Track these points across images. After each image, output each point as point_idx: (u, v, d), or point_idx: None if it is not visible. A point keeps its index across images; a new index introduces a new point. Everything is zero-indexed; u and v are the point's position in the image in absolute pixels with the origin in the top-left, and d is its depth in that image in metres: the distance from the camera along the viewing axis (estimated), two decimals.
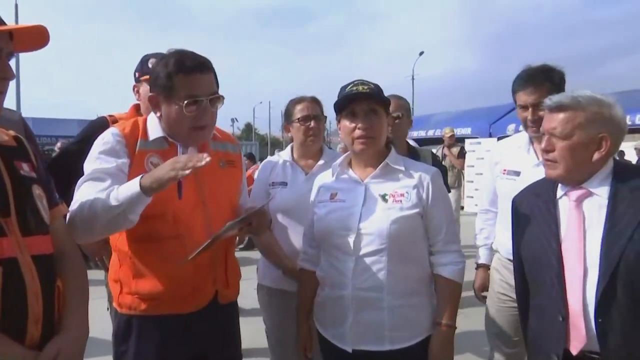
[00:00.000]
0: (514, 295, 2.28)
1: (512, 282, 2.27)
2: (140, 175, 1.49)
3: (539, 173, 2.22)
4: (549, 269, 1.58)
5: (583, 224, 1.56)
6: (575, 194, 1.61)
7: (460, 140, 9.90)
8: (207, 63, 1.71)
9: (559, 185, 1.67)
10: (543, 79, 2.21)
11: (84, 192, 1.58)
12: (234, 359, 1.96)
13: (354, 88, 1.78)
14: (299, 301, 2.05)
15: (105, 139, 1.71)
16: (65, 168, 2.18)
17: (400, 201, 1.76)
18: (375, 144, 1.80)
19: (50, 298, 1.25)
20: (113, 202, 1.48)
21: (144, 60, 2.48)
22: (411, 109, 3.23)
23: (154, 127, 1.75)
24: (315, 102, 2.46)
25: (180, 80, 1.64)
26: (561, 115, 1.58)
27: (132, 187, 1.48)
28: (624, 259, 1.45)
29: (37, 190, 1.32)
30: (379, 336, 1.75)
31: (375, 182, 1.82)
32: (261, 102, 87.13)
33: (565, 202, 1.64)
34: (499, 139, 13.64)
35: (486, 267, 2.60)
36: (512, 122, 12.36)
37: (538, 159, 2.26)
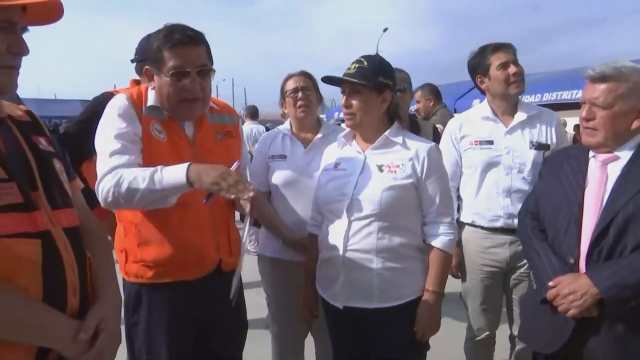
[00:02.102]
0: (497, 263, 2.46)
1: (496, 250, 2.45)
2: (188, 164, 1.57)
3: (512, 139, 2.43)
4: (569, 214, 1.70)
5: (605, 182, 1.68)
6: (603, 156, 1.72)
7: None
8: (198, 36, 1.73)
9: (590, 149, 1.77)
10: (509, 45, 2.49)
11: (114, 163, 1.64)
12: (241, 326, 2.04)
13: (349, 66, 1.89)
14: (306, 264, 2.16)
15: (118, 104, 1.74)
16: (73, 145, 2.18)
17: (395, 172, 1.86)
18: (355, 120, 1.90)
19: (83, 269, 1.26)
20: (157, 186, 1.57)
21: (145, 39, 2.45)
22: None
23: (151, 96, 1.80)
24: (304, 75, 2.50)
25: (168, 52, 1.67)
26: (603, 86, 1.65)
27: (178, 175, 1.56)
28: (624, 210, 1.59)
29: (57, 164, 1.31)
30: (368, 295, 1.86)
31: (374, 153, 1.92)
32: (224, 80, 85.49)
33: (593, 162, 1.75)
34: None
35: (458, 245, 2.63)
36: (476, 98, 12.62)
37: (506, 126, 2.46)
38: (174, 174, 1.56)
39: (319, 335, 2.54)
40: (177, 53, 1.67)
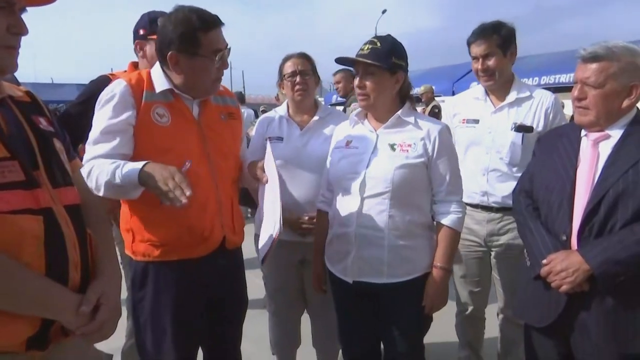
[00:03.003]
0: (477, 239, 2.56)
1: (475, 227, 2.54)
2: (145, 163, 1.60)
3: (496, 119, 2.48)
4: (561, 192, 1.74)
5: (597, 160, 1.71)
6: (594, 135, 1.75)
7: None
8: (219, 18, 1.79)
9: (582, 128, 1.79)
10: (491, 33, 2.42)
11: (95, 153, 1.69)
12: (242, 303, 2.10)
13: (362, 47, 1.91)
14: (315, 239, 2.21)
15: (113, 91, 1.75)
16: (70, 128, 2.18)
17: (407, 151, 1.90)
18: (369, 101, 1.93)
19: (85, 245, 1.29)
20: (116, 181, 1.61)
21: (153, 19, 2.43)
22: None
23: (160, 80, 1.80)
24: (303, 57, 2.49)
25: (205, 35, 1.73)
26: (595, 65, 1.67)
27: (133, 174, 1.59)
28: (614, 188, 1.62)
29: (57, 144, 1.33)
30: (378, 270, 1.92)
31: (386, 133, 1.96)
32: None
33: (585, 141, 1.78)
34: None
35: None
36: (474, 80, 12.59)
37: (494, 106, 2.50)
38: (131, 170, 1.60)
39: (315, 313, 2.61)
40: (213, 35, 1.75)
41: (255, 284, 2.78)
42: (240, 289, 2.08)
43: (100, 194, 1.65)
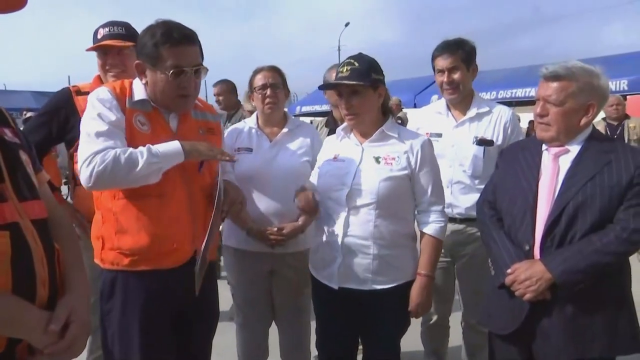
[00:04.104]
0: (442, 250, 2.56)
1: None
2: (176, 141, 1.73)
3: (458, 133, 2.57)
4: (524, 204, 1.82)
5: (557, 174, 1.80)
6: (554, 149, 1.84)
7: None
8: (193, 36, 1.80)
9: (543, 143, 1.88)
10: (457, 48, 2.53)
11: (102, 145, 1.68)
12: (213, 316, 2.09)
13: (340, 69, 1.99)
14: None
15: (102, 95, 1.77)
16: (34, 140, 2.16)
17: (391, 164, 1.98)
18: (360, 119, 2.01)
19: (52, 260, 1.24)
20: (154, 159, 1.68)
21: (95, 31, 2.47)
22: None
23: (139, 90, 1.83)
24: (273, 70, 2.52)
25: (167, 50, 1.73)
26: (556, 84, 1.76)
27: (173, 147, 1.72)
28: (574, 200, 1.71)
29: (23, 156, 1.29)
30: (363, 277, 1.99)
31: (371, 146, 2.04)
32: None
33: (546, 155, 1.86)
34: None
35: None
36: (435, 94, 12.89)
37: (456, 121, 2.59)
38: (168, 146, 1.71)
39: (283, 324, 2.60)
40: (175, 52, 1.74)
41: (222, 296, 2.75)
42: (212, 302, 2.07)
43: (130, 176, 1.66)
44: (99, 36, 2.43)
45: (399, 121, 8.27)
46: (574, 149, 1.80)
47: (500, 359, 1.96)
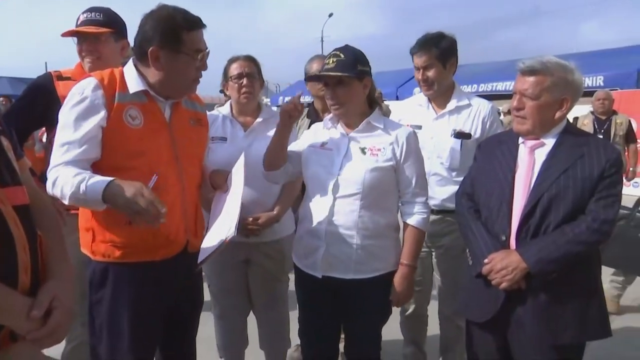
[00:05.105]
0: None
1: None
2: (109, 180, 1.56)
3: (438, 125, 2.59)
4: (501, 196, 1.87)
5: (533, 166, 1.85)
6: (530, 143, 1.89)
7: None
8: (202, 20, 1.81)
9: (519, 136, 1.92)
10: (432, 45, 2.53)
11: (61, 159, 1.65)
12: (199, 305, 2.12)
13: (327, 61, 2.01)
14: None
15: (86, 92, 1.70)
16: (15, 126, 2.09)
17: (377, 155, 2.00)
18: (345, 109, 2.02)
19: (35, 246, 1.24)
20: (81, 197, 1.59)
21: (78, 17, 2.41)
22: None
23: (134, 81, 1.77)
24: (249, 60, 2.51)
25: (188, 34, 1.74)
26: (532, 79, 1.80)
27: (98, 189, 1.56)
28: (548, 192, 1.77)
29: (4, 142, 1.28)
30: (346, 266, 2.01)
31: (357, 137, 2.05)
32: None
33: (522, 148, 1.91)
34: None
35: None
36: (417, 86, 12.98)
37: (436, 113, 2.62)
38: (94, 189, 1.57)
39: (261, 314, 2.62)
40: (196, 35, 1.77)
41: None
42: (198, 291, 2.09)
43: (66, 202, 1.63)
44: (78, 22, 2.39)
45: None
46: (549, 142, 1.85)
47: (477, 346, 2.02)
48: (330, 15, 33.52)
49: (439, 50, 2.53)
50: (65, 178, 1.61)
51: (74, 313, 1.31)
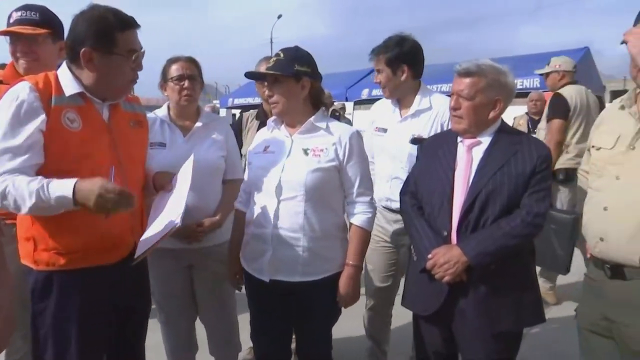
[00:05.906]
0: (385, 237, 2.72)
1: (385, 225, 2.70)
2: (74, 182, 1.53)
3: (402, 128, 2.62)
4: (442, 194, 1.94)
5: (471, 164, 1.93)
6: (468, 141, 1.98)
7: None
8: (136, 20, 1.78)
9: (458, 135, 2.01)
10: (382, 51, 2.56)
11: (4, 168, 1.58)
12: (146, 308, 2.08)
13: (269, 61, 2.04)
14: (232, 236, 2.26)
15: (21, 96, 1.62)
16: None
17: (319, 155, 2.00)
18: (280, 108, 2.05)
19: None
20: (45, 204, 1.53)
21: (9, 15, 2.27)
22: None
23: (69, 83, 1.72)
24: (191, 62, 2.46)
25: (122, 34, 1.71)
26: (467, 80, 1.90)
27: (66, 193, 1.52)
28: (485, 188, 1.86)
29: None
30: (293, 269, 2.01)
31: (300, 138, 2.06)
32: None
33: (461, 147, 2.00)
34: (355, 103, 14.23)
35: None
36: (366, 87, 13.18)
37: (401, 117, 2.63)
38: (61, 189, 1.53)
39: (208, 319, 2.59)
40: (130, 35, 1.74)
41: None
42: (146, 294, 2.07)
43: (23, 213, 1.58)
44: (11, 20, 2.25)
45: (337, 114, 8.41)
46: (485, 141, 1.95)
47: (424, 338, 2.10)
48: (279, 17, 33.47)
49: (386, 56, 2.54)
50: (18, 188, 1.54)
51: (15, 322, 1.27)
